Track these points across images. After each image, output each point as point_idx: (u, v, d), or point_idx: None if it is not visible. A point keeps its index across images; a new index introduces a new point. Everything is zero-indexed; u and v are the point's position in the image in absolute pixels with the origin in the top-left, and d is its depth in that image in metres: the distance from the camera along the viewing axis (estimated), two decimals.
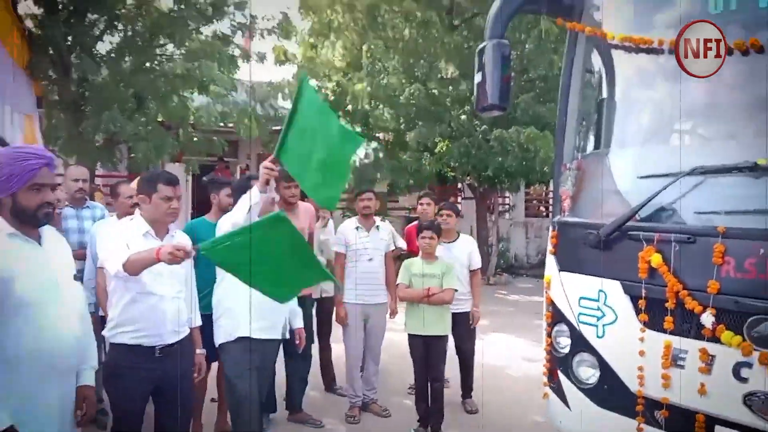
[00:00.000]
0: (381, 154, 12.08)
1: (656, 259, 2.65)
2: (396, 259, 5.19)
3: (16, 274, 2.17)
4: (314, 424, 4.65)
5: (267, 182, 3.06)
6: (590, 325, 2.94)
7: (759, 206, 2.45)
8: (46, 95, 9.34)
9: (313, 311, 5.00)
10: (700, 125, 2.89)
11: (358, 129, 12.15)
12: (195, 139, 10.59)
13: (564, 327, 3.09)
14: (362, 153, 11.84)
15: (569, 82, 3.29)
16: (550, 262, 3.22)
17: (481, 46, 3.08)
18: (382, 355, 5.03)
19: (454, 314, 4.57)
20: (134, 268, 2.68)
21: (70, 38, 8.87)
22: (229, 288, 3.44)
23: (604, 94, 3.18)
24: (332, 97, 11.61)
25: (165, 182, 2.99)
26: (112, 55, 9.86)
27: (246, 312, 3.20)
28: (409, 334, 4.50)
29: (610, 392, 2.87)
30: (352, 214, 8.32)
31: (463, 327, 4.86)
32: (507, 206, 15.71)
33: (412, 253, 5.12)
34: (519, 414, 4.88)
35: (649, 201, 2.68)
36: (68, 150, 9.30)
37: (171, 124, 10.47)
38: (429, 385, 4.45)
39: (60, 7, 9.01)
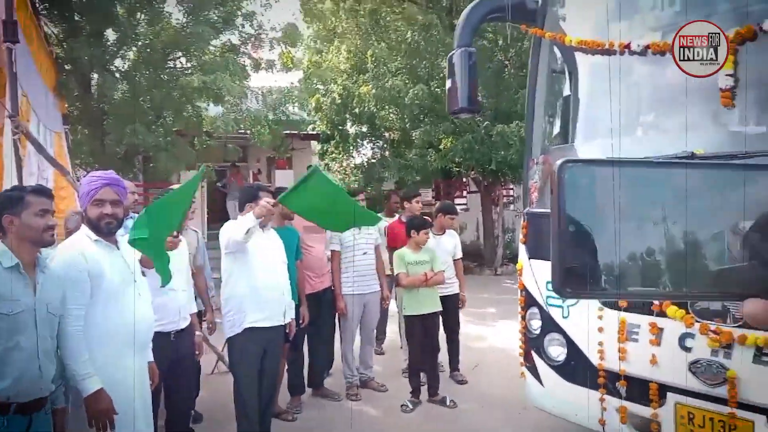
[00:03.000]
0: (387, 153, 12.26)
1: None
2: None
3: (104, 271, 2.67)
4: (333, 398, 5.05)
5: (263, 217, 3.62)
6: (557, 306, 3.13)
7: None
8: (70, 112, 9.71)
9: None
10: (652, 118, 3.05)
11: (365, 129, 12.36)
12: (209, 146, 10.87)
13: (535, 310, 3.28)
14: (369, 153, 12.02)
15: (535, 82, 3.47)
16: (522, 250, 3.41)
17: (450, 54, 3.27)
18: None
19: (442, 296, 5.01)
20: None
21: (89, 57, 9.19)
22: (235, 286, 3.81)
23: (565, 93, 3.35)
24: (339, 100, 11.83)
25: None
26: (134, 72, 10.18)
27: (250, 305, 3.74)
28: (406, 317, 4.90)
29: (577, 368, 3.06)
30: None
31: (451, 307, 5.28)
32: (511, 198, 15.79)
33: (393, 247, 5.38)
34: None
35: None
36: (91, 163, 9.64)
37: (186, 133, 10.77)
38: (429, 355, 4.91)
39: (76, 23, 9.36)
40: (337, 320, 5.28)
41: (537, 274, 3.25)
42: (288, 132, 12.94)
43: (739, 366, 2.47)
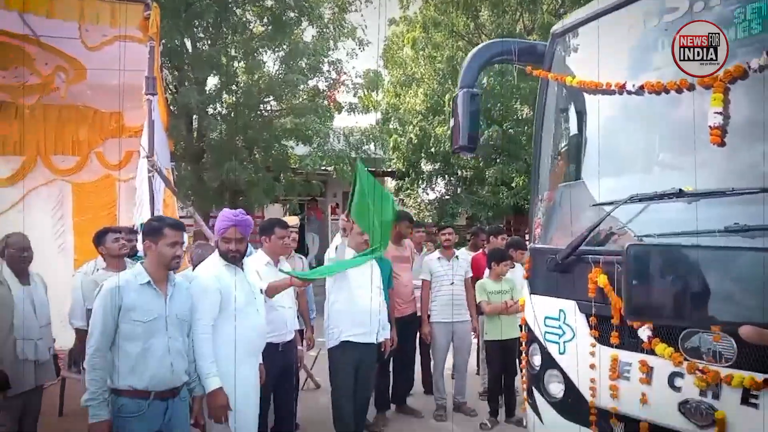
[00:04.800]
0: (460, 190, 12.21)
1: (602, 280, 2.70)
2: None
3: (231, 290, 3.15)
4: (415, 416, 5.34)
5: (345, 230, 4.27)
6: (554, 342, 3.00)
7: (686, 228, 2.47)
8: (176, 151, 10.60)
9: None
10: (651, 155, 2.92)
11: (438, 167, 12.40)
12: (294, 181, 11.37)
13: (536, 346, 3.15)
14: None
15: (542, 122, 3.41)
16: (525, 286, 3.31)
17: (454, 94, 3.30)
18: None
19: None
20: (273, 292, 3.70)
21: (195, 102, 10.03)
22: (335, 303, 4.25)
23: (570, 133, 3.27)
24: (415, 140, 12.01)
25: (280, 227, 4.11)
26: (231, 115, 10.97)
27: (347, 321, 4.15)
28: (487, 342, 5.14)
29: (573, 405, 2.90)
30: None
31: None
32: None
33: (477, 278, 5.50)
34: None
35: (596, 227, 2.75)
36: (190, 196, 10.40)
37: (273, 169, 11.35)
38: (504, 379, 5.08)
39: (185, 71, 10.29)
40: (418, 345, 5.52)
41: (537, 309, 3.15)
42: (371, 169, 13.24)
43: (728, 407, 2.25)
